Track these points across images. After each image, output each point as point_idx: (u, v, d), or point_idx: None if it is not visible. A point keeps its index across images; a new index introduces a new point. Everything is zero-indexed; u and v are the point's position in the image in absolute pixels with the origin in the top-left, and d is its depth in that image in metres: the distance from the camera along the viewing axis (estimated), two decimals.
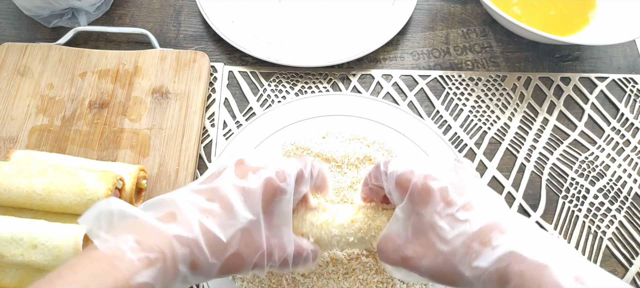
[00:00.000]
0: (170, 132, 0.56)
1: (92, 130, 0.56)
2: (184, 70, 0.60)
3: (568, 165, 0.58)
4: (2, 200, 0.45)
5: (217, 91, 0.61)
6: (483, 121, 0.60)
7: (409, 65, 0.64)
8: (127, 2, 0.68)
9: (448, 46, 0.66)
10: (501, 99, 0.62)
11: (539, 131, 0.60)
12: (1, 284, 0.44)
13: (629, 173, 0.57)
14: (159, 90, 0.59)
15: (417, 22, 0.68)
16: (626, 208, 0.55)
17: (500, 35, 0.67)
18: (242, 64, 0.64)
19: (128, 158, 0.55)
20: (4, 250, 0.41)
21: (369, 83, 0.62)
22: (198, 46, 0.65)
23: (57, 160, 0.50)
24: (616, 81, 0.63)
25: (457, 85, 0.62)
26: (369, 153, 0.53)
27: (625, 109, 0.61)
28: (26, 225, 0.42)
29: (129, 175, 0.49)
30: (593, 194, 0.56)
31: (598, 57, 0.65)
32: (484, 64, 0.64)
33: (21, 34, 0.66)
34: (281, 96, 0.61)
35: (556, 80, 0.63)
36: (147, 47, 0.63)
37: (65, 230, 0.42)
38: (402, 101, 0.61)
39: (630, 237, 0.54)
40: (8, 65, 0.60)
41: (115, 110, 0.58)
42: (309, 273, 0.47)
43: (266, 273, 0.39)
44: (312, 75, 0.63)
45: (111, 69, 0.60)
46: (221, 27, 0.63)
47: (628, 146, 0.59)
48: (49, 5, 0.62)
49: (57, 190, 0.44)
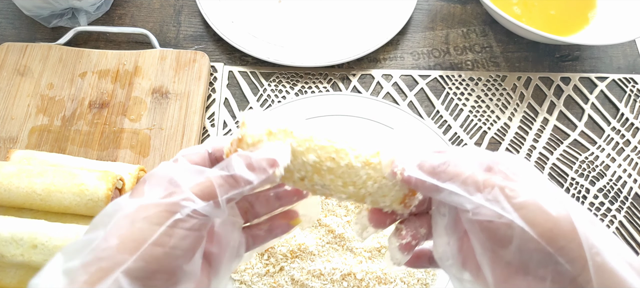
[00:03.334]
0: (170, 132, 0.56)
1: (92, 130, 0.56)
2: (184, 70, 0.60)
3: (568, 165, 0.58)
4: (2, 200, 0.45)
5: (217, 91, 0.61)
6: (483, 121, 0.60)
7: (409, 65, 0.64)
8: (127, 2, 0.68)
9: (448, 46, 0.66)
10: (501, 99, 0.62)
11: (539, 131, 0.60)
12: (1, 284, 0.44)
13: (629, 173, 0.57)
14: (159, 90, 0.59)
15: (417, 22, 0.68)
16: (626, 208, 0.55)
17: (500, 35, 0.67)
18: (242, 64, 0.64)
19: (128, 158, 0.55)
20: (4, 250, 0.41)
21: (369, 83, 0.62)
22: (198, 46, 0.65)
23: (57, 160, 0.50)
24: (616, 81, 0.63)
25: (457, 85, 0.62)
26: None
27: (625, 109, 0.61)
28: (26, 225, 0.42)
29: (129, 175, 0.49)
30: (593, 194, 0.56)
31: (598, 57, 0.65)
32: (484, 64, 0.64)
33: (21, 34, 0.66)
34: (281, 96, 0.61)
35: (556, 80, 0.63)
36: (147, 47, 0.63)
37: (65, 230, 0.42)
38: (402, 101, 0.61)
39: (630, 237, 0.54)
40: (8, 65, 0.60)
41: (115, 110, 0.58)
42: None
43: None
44: (312, 75, 0.63)
45: (111, 69, 0.60)
46: (221, 27, 0.63)
47: (628, 146, 0.59)
48: (49, 5, 0.62)
49: (57, 190, 0.44)
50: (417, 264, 0.34)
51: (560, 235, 0.24)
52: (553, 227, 0.25)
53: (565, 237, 0.24)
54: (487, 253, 0.27)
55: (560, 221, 0.25)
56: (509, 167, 0.27)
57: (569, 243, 0.24)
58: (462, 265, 0.29)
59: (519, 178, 0.27)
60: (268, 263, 0.49)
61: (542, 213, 0.25)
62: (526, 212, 0.25)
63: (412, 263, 0.34)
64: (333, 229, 0.50)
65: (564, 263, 0.24)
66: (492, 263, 0.27)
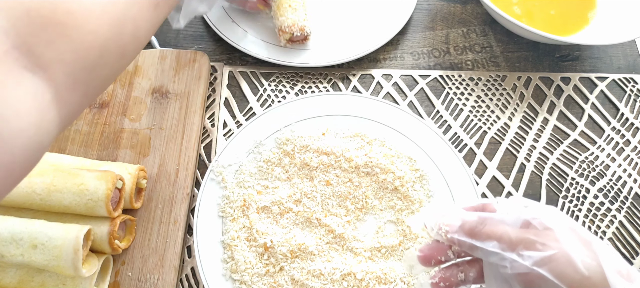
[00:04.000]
0: (170, 132, 0.56)
1: (92, 130, 0.56)
2: (184, 70, 0.60)
3: (568, 165, 0.58)
4: (2, 200, 0.44)
5: (217, 91, 0.61)
6: (483, 121, 0.60)
7: (409, 65, 0.64)
8: None
9: (448, 46, 0.66)
10: (501, 99, 0.62)
11: (539, 131, 0.60)
12: (1, 284, 0.44)
13: (629, 173, 0.57)
14: (159, 90, 0.59)
15: (417, 22, 0.68)
16: (626, 208, 0.55)
17: (500, 35, 0.67)
18: (242, 64, 0.64)
19: (128, 158, 0.55)
20: (4, 250, 0.41)
21: (369, 83, 0.62)
22: (198, 46, 0.65)
23: (57, 160, 0.50)
24: (616, 81, 0.63)
25: (457, 85, 0.62)
26: (371, 156, 0.53)
27: (625, 108, 0.61)
28: (26, 225, 0.42)
29: (129, 175, 0.49)
30: (593, 194, 0.56)
31: (598, 57, 0.65)
32: (484, 64, 0.64)
33: None
34: (281, 96, 0.61)
35: (556, 80, 0.63)
36: (147, 47, 0.63)
37: (65, 230, 0.42)
38: (402, 101, 0.61)
39: (630, 237, 0.54)
40: None
41: (115, 110, 0.58)
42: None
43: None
44: (312, 75, 0.63)
45: None
46: (221, 27, 0.63)
47: (628, 146, 0.59)
48: None
49: (57, 190, 0.44)
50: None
51: (591, 286, 0.27)
52: (583, 279, 0.27)
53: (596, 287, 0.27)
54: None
55: (590, 273, 0.27)
56: (544, 222, 0.30)
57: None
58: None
59: (556, 232, 0.29)
60: (268, 263, 0.49)
61: (572, 265, 0.27)
62: (556, 265, 0.27)
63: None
64: (333, 229, 0.50)
65: None
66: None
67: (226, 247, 0.50)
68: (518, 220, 0.31)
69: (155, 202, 0.52)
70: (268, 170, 0.54)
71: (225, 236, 0.50)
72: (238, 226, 0.51)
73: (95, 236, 0.46)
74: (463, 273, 0.34)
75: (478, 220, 0.31)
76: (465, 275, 0.34)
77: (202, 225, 0.50)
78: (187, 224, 0.52)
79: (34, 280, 0.44)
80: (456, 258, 0.34)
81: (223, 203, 0.52)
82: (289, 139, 0.55)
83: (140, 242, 0.50)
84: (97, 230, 0.46)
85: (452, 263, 0.35)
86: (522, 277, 0.28)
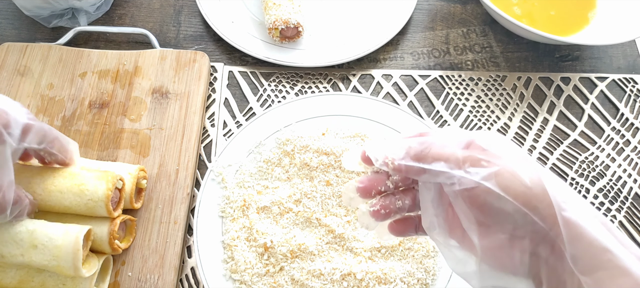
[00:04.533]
0: (170, 132, 0.56)
1: (92, 130, 0.56)
2: (184, 70, 0.60)
3: (568, 165, 0.58)
4: None
5: (217, 91, 0.61)
6: (483, 121, 0.60)
7: (409, 65, 0.64)
8: (127, 2, 0.68)
9: (448, 46, 0.66)
10: (501, 99, 0.62)
11: (539, 131, 0.60)
12: (1, 284, 0.44)
13: (629, 173, 0.57)
14: (159, 90, 0.59)
15: (417, 22, 0.68)
16: (626, 208, 0.55)
17: (500, 35, 0.67)
18: (242, 64, 0.64)
19: (128, 158, 0.55)
20: (4, 250, 0.42)
21: (369, 83, 0.62)
22: (198, 46, 0.65)
23: None
24: (616, 81, 0.63)
25: (457, 85, 0.62)
26: None
27: (625, 109, 0.61)
28: (26, 225, 0.42)
29: (129, 175, 0.49)
30: (593, 194, 0.56)
31: (598, 57, 0.65)
32: (484, 64, 0.64)
33: (21, 34, 0.66)
34: (281, 96, 0.61)
35: (556, 80, 0.63)
36: (147, 47, 0.63)
37: (65, 230, 0.42)
38: (402, 101, 0.61)
39: (630, 237, 0.53)
40: (8, 65, 0.60)
41: (115, 110, 0.58)
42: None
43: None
44: (312, 75, 0.63)
45: (111, 69, 0.60)
46: (221, 27, 0.63)
47: (628, 146, 0.59)
48: (49, 5, 0.62)
49: (57, 190, 0.44)
50: (404, 233, 0.37)
51: (533, 197, 0.28)
52: (526, 190, 0.28)
53: (538, 198, 0.28)
54: (471, 219, 0.30)
55: (533, 185, 0.28)
56: (485, 142, 0.31)
57: (541, 204, 0.28)
58: (448, 234, 0.33)
59: (495, 150, 0.30)
60: (268, 263, 0.49)
61: (516, 178, 0.28)
62: (501, 178, 0.29)
63: (399, 232, 0.37)
64: (333, 229, 0.50)
65: (538, 221, 0.28)
66: (477, 228, 0.30)
67: (226, 247, 0.50)
68: (461, 143, 0.32)
69: (155, 202, 0.52)
70: (268, 170, 0.54)
71: (225, 236, 0.50)
72: (238, 226, 0.51)
73: (95, 236, 0.46)
74: (400, 201, 0.35)
75: (423, 145, 0.32)
76: (402, 203, 0.35)
77: (202, 225, 0.50)
78: (187, 224, 0.52)
79: (34, 280, 0.44)
80: (394, 188, 0.36)
81: (223, 204, 0.52)
82: (289, 139, 0.55)
83: (140, 242, 0.50)
84: (97, 230, 0.46)
85: (389, 193, 0.36)
86: (468, 192, 0.29)
